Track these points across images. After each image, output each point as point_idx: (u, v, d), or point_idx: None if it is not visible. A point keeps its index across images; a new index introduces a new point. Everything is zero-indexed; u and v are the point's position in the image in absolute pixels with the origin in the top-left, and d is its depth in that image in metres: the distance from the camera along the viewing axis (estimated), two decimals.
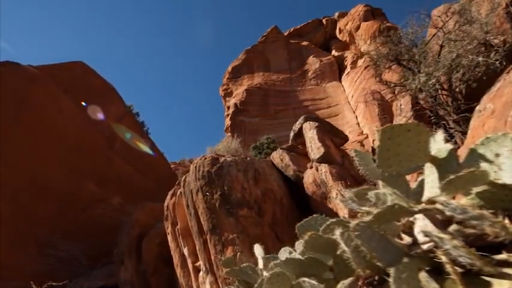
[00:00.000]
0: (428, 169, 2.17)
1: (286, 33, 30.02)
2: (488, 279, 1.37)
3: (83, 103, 14.34)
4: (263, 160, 8.12)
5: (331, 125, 8.80)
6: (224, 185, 6.05)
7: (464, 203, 1.38)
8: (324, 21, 29.51)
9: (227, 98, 26.97)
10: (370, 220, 1.68)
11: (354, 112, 22.20)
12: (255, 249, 3.99)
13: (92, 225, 12.33)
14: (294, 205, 7.20)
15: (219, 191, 6.01)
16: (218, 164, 6.32)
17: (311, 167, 7.07)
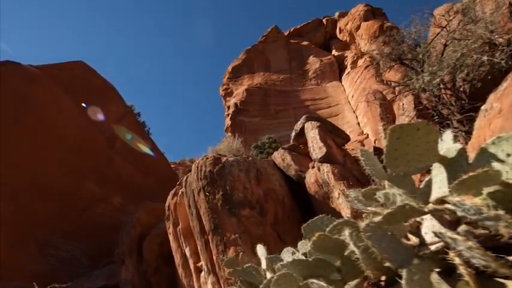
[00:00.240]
0: (436, 169, 2.14)
1: (286, 33, 30.01)
2: (502, 281, 1.34)
3: (83, 104, 14.29)
4: (265, 160, 8.10)
5: (333, 124, 8.78)
6: (226, 184, 6.02)
7: (477, 203, 1.35)
8: (324, 21, 29.50)
9: (227, 98, 26.95)
10: (380, 221, 1.66)
11: (354, 112, 22.18)
12: (258, 249, 3.96)
13: (93, 225, 12.29)
14: (296, 205, 7.18)
15: (221, 190, 5.98)
16: (220, 164, 6.29)
17: (313, 167, 7.04)
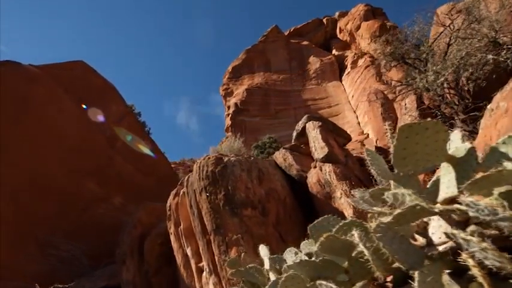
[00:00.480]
0: (444, 169, 2.11)
1: (286, 33, 29.99)
2: None
3: (84, 106, 14.25)
4: (266, 160, 8.07)
5: (334, 124, 8.75)
6: (228, 184, 5.99)
7: (492, 203, 1.32)
8: (325, 20, 29.49)
9: (227, 98, 26.94)
10: (390, 221, 1.63)
11: (355, 112, 22.17)
12: (260, 249, 3.94)
13: (93, 225, 12.26)
14: (297, 205, 7.15)
15: (223, 190, 5.95)
16: (222, 164, 6.26)
17: (315, 167, 7.02)
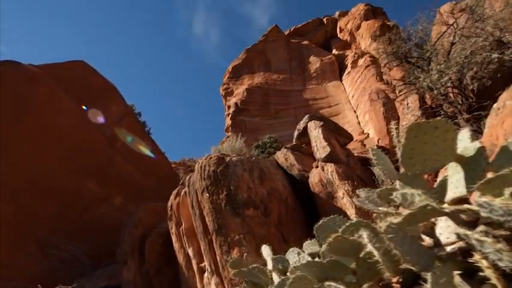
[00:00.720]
0: (452, 168, 2.09)
1: (286, 33, 29.96)
2: None
3: (84, 107, 14.23)
4: (268, 159, 8.05)
5: (336, 124, 8.73)
6: (230, 184, 5.97)
7: (508, 203, 1.30)
8: (325, 20, 29.47)
9: (228, 98, 26.91)
10: (401, 221, 1.61)
11: (355, 111, 22.16)
12: (263, 250, 3.91)
13: (94, 225, 12.24)
14: (298, 205, 7.13)
15: (225, 190, 5.93)
16: (224, 164, 6.24)
17: (317, 167, 7.00)
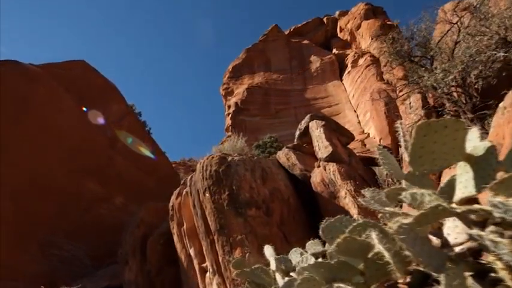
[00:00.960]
0: (460, 168, 2.06)
1: (286, 32, 29.92)
2: None
3: (84, 108, 14.20)
4: (269, 159, 8.03)
5: (337, 123, 8.71)
6: (232, 184, 5.94)
7: None
8: (325, 20, 29.43)
9: (228, 97, 26.88)
10: (412, 222, 1.59)
11: (355, 111, 22.14)
12: (266, 250, 3.88)
13: (94, 225, 12.21)
14: (300, 205, 7.11)
15: (227, 190, 5.90)
16: (226, 163, 6.21)
17: (318, 166, 6.98)
